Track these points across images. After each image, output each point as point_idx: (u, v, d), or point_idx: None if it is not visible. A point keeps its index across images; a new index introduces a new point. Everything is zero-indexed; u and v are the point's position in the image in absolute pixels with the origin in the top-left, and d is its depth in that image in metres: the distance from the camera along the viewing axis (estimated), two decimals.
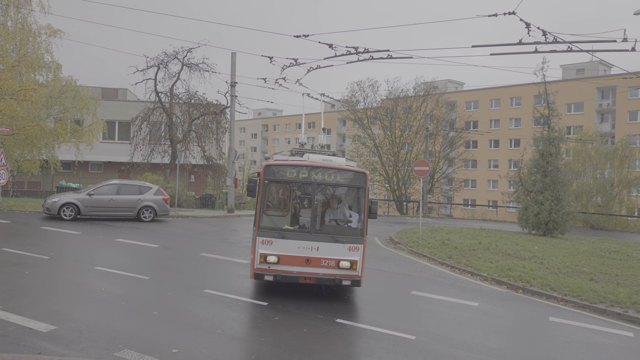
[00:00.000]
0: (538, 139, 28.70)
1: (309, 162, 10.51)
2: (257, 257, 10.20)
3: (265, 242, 10.20)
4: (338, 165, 10.53)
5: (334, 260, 10.24)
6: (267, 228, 10.29)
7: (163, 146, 32.20)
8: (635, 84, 44.38)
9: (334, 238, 10.27)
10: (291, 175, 10.35)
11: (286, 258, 10.21)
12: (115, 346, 7.59)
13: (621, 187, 39.68)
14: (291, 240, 10.23)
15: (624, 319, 11.77)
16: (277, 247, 10.19)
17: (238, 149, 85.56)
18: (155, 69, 31.09)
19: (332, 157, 11.02)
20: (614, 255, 20.24)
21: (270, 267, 10.18)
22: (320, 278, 10.26)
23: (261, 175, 10.24)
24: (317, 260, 10.25)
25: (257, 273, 10.25)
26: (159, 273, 12.74)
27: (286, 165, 10.39)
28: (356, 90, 50.58)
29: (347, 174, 10.51)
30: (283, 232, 10.24)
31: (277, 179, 10.44)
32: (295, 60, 15.95)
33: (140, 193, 21.01)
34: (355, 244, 10.34)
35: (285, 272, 10.22)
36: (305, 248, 10.22)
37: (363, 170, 10.53)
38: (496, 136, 64.76)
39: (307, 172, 10.31)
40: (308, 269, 10.27)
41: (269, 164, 10.41)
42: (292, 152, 11.90)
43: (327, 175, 10.35)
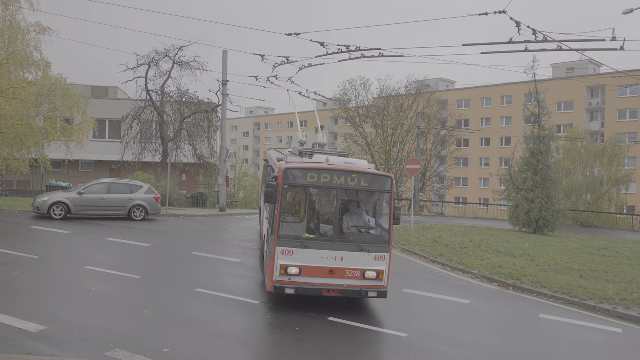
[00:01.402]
0: (529, 138, 28.88)
1: (332, 166, 9.83)
2: (277, 269, 9.37)
3: (286, 252, 9.39)
4: (363, 169, 9.87)
5: (360, 271, 9.56)
6: (288, 237, 9.49)
7: (154, 145, 32.04)
8: (624, 83, 44.81)
9: (359, 247, 9.60)
10: (312, 179, 9.59)
11: (308, 269, 9.43)
12: (106, 346, 7.55)
13: (610, 185, 40.05)
14: (314, 250, 9.44)
15: (613, 316, 11.88)
16: (299, 257, 9.40)
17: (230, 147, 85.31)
18: (146, 67, 30.95)
19: (354, 160, 10.36)
20: (604, 252, 20.42)
21: (291, 279, 9.40)
22: (345, 290, 9.57)
23: (280, 179, 9.50)
24: (341, 271, 9.52)
25: (278, 286, 9.40)
26: (150, 272, 12.69)
27: (307, 168, 9.67)
28: (348, 88, 50.62)
29: (372, 178, 9.81)
30: (305, 241, 9.45)
31: (298, 183, 9.70)
32: (286, 59, 15.94)
33: (131, 192, 20.90)
34: (381, 252, 9.69)
35: (308, 284, 9.45)
36: (329, 258, 9.48)
37: (389, 174, 9.99)
38: (487, 135, 65.06)
39: (329, 176, 9.57)
40: (332, 280, 9.52)
41: (289, 167, 9.65)
42: (300, 153, 11.25)
43: (351, 179, 9.64)
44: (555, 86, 57.80)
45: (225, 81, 27.15)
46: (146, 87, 30.89)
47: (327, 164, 9.97)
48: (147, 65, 30.87)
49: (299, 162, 10.31)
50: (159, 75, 31.36)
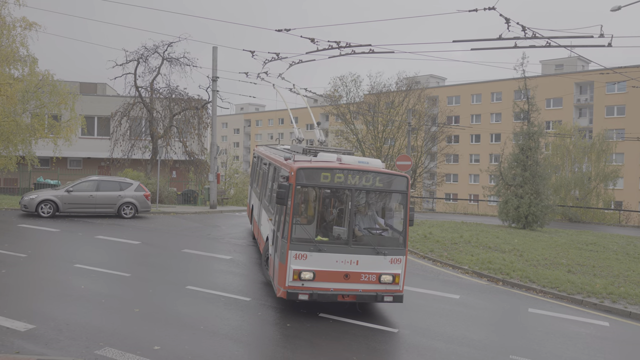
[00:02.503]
0: (518, 134, 29.07)
1: (345, 165, 9.55)
2: (290, 274, 8.99)
3: (299, 256, 9.02)
4: (378, 169, 9.58)
5: (375, 275, 9.25)
6: (301, 240, 9.11)
7: (144, 142, 31.81)
8: (612, 80, 45.17)
9: (375, 250, 9.28)
10: (325, 179, 9.24)
11: (323, 274, 9.08)
12: (96, 344, 7.52)
13: (598, 181, 40.44)
14: (328, 253, 9.09)
15: (600, 309, 12.02)
16: (313, 261, 9.04)
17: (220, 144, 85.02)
18: (135, 63, 30.66)
19: (368, 159, 10.09)
20: (591, 247, 20.64)
21: (304, 284, 9.03)
22: (360, 295, 9.22)
23: (292, 179, 9.11)
24: (356, 275, 9.18)
25: (291, 292, 9.00)
26: (140, 270, 12.63)
27: (321, 168, 9.31)
28: (339, 85, 50.57)
29: (387, 178, 9.51)
30: (319, 244, 9.10)
31: (311, 183, 9.34)
32: (277, 55, 15.89)
33: (120, 189, 20.76)
34: (397, 255, 9.40)
35: (322, 289, 9.08)
36: (344, 262, 9.12)
37: (404, 174, 9.67)
38: (477, 131, 65.37)
39: (343, 175, 9.23)
40: (347, 285, 9.17)
41: (302, 166, 9.24)
42: (304, 151, 10.86)
43: (366, 179, 9.31)
44: (545, 83, 58.19)
45: (215, 77, 27.01)
46: (135, 84, 30.65)
47: (340, 164, 9.66)
48: (136, 61, 30.62)
49: (308, 160, 9.94)
50: (148, 72, 31.12)
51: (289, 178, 9.24)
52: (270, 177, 12.79)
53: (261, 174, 15.30)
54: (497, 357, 8.49)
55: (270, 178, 12.91)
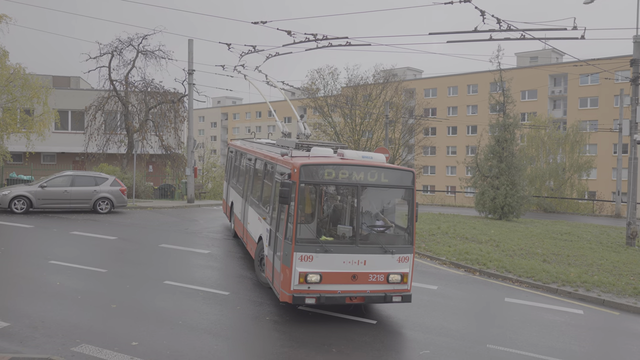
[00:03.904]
0: (494, 126, 29.46)
1: (349, 161, 9.16)
2: (295, 277, 8.50)
3: (305, 257, 8.54)
4: (383, 164, 9.31)
5: (383, 275, 8.89)
6: (306, 241, 8.68)
7: (119, 136, 31.31)
8: (585, 72, 46.01)
9: (383, 249, 8.93)
10: (329, 176, 8.85)
11: (330, 276, 8.64)
12: (72, 341, 7.40)
13: (572, 171, 41.27)
14: (335, 254, 8.66)
15: (575, 298, 12.30)
16: (319, 263, 8.58)
17: (197, 138, 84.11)
18: (109, 56, 30.11)
19: (371, 154, 9.72)
20: (566, 237, 21.07)
21: (311, 287, 8.57)
22: (368, 296, 8.87)
23: (295, 177, 8.62)
24: (364, 275, 8.79)
25: (297, 296, 8.52)
26: (117, 265, 12.46)
27: (325, 164, 8.89)
28: (316, 78, 50.45)
29: (392, 173, 9.25)
30: (326, 245, 8.68)
31: (315, 181, 8.88)
32: (253, 47, 15.78)
33: (95, 184, 20.42)
34: (405, 253, 9.09)
35: (329, 292, 8.65)
36: (351, 262, 8.72)
37: (410, 169, 9.40)
38: (454, 123, 66.03)
39: (347, 172, 8.84)
40: (354, 286, 8.78)
41: (305, 163, 8.76)
42: (297, 145, 10.60)
43: (370, 175, 8.95)
44: (520, 75, 58.99)
45: (192, 70, 26.69)
46: (109, 77, 30.12)
47: (343, 159, 9.32)
48: (110, 54, 30.07)
49: (307, 156, 9.52)
50: (122, 65, 30.61)
51: (291, 175, 8.74)
52: (260, 173, 12.23)
53: (244, 170, 14.63)
54: (474, 346, 8.62)
55: (259, 175, 12.37)
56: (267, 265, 10.00)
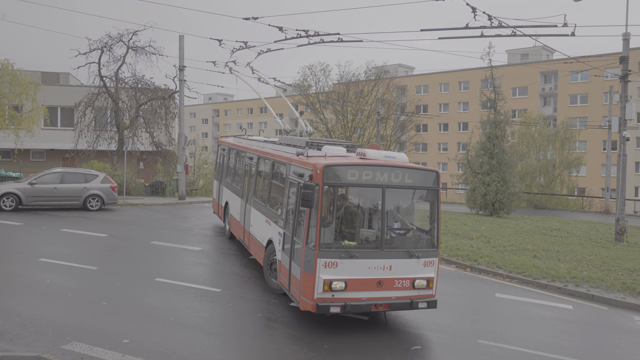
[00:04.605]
0: (485, 122, 29.59)
1: (373, 161, 8.79)
2: (319, 285, 8.06)
3: (329, 264, 8.10)
4: (406, 164, 8.95)
5: (409, 280, 8.54)
6: (330, 246, 8.25)
7: (109, 132, 31.07)
8: (575, 69, 46.35)
9: (408, 253, 8.56)
10: (352, 177, 8.42)
11: (355, 282, 8.23)
12: (63, 339, 7.36)
13: (562, 168, 41.58)
14: (360, 259, 8.27)
15: (564, 293, 12.40)
16: (344, 269, 8.17)
17: (188, 134, 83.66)
18: (99, 52, 29.84)
19: (394, 153, 9.28)
20: (555, 232, 21.23)
21: (335, 295, 8.15)
22: (394, 303, 8.50)
23: (318, 178, 8.19)
24: (390, 281, 8.43)
25: (322, 305, 8.07)
26: (108, 263, 12.40)
27: (349, 164, 8.48)
28: (308, 74, 50.35)
29: (416, 174, 8.89)
30: (351, 250, 8.25)
31: (339, 182, 8.46)
32: (245, 43, 15.70)
33: (86, 181, 20.27)
34: (430, 257, 8.75)
35: (354, 299, 8.24)
36: (377, 268, 8.34)
37: (434, 169, 9.11)
38: (445, 120, 66.24)
39: (371, 172, 8.45)
40: (379, 293, 8.40)
41: (329, 164, 8.33)
42: (308, 144, 10.22)
43: (394, 175, 8.58)
44: (510, 72, 59.25)
45: (182, 67, 26.54)
46: (99, 73, 29.86)
47: (365, 159, 8.94)
48: (100, 50, 29.81)
49: (324, 156, 9.14)
50: (112, 61, 30.35)
51: (313, 177, 8.29)
52: (266, 173, 11.73)
53: (242, 169, 14.01)
54: (465, 341, 8.68)
55: (264, 175, 11.90)
56: (282, 271, 9.49)
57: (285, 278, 9.26)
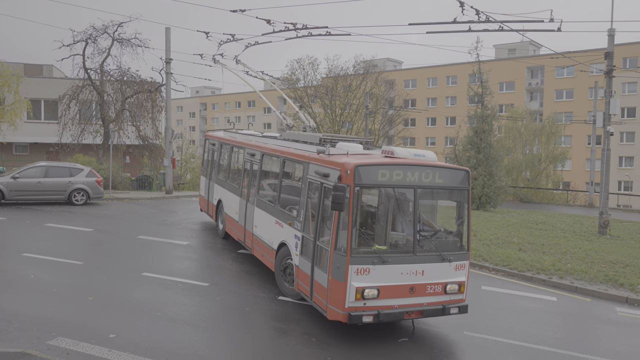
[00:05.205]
0: (472, 117, 29.77)
1: (403, 160, 8.30)
2: (351, 293, 7.59)
3: (361, 270, 7.62)
4: (437, 163, 8.49)
5: (441, 285, 8.15)
6: (361, 252, 7.81)
7: (94, 126, 30.73)
8: (561, 64, 46.65)
9: (440, 256, 8.17)
10: (383, 177, 7.94)
11: (387, 289, 7.79)
12: (48, 334, 7.28)
13: (548, 162, 42.02)
14: (393, 265, 7.84)
15: (549, 285, 12.56)
16: (376, 276, 7.71)
17: (175, 128, 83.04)
18: (83, 43, 29.40)
19: (423, 151, 8.76)
20: (541, 226, 21.47)
21: (367, 303, 7.70)
22: (426, 310, 8.09)
23: (348, 179, 7.71)
24: (422, 287, 8.03)
25: (354, 314, 7.60)
26: (94, 257, 12.29)
27: (380, 164, 8.01)
28: (296, 68, 50.20)
29: (447, 173, 8.50)
30: (384, 255, 7.83)
31: (370, 183, 8.03)
32: (232, 36, 15.59)
33: (70, 175, 20.04)
34: (461, 260, 8.39)
35: (387, 307, 7.81)
36: (409, 273, 7.93)
37: (465, 168, 8.70)
38: (433, 114, 66.49)
39: (402, 172, 8.00)
40: (411, 299, 7.99)
41: (361, 163, 7.86)
42: (321, 140, 9.78)
43: (425, 175, 8.13)
44: (498, 67, 59.61)
45: (169, 59, 26.29)
46: (84, 65, 29.46)
47: (394, 157, 8.44)
48: (84, 42, 29.37)
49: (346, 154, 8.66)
50: (97, 53, 29.93)
51: (342, 178, 7.80)
52: (274, 172, 11.25)
53: (241, 166, 13.20)
54: (451, 334, 8.75)
55: (272, 173, 11.39)
56: (300, 276, 8.97)
57: (305, 285, 8.75)
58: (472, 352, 8.17)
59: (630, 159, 54.94)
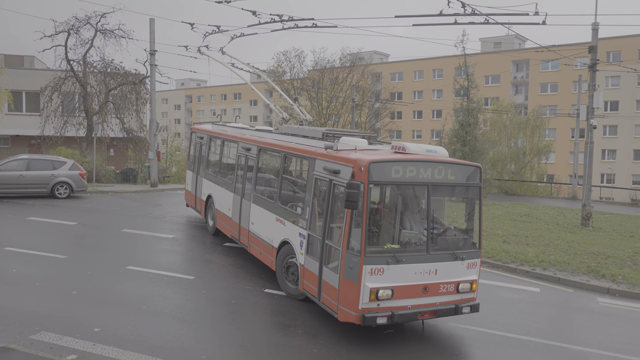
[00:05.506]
0: (458, 110, 29.92)
1: (416, 156, 8.08)
2: (365, 294, 7.38)
3: (375, 271, 7.42)
4: (449, 159, 8.37)
5: (453, 284, 8.01)
6: (375, 252, 7.56)
7: (78, 118, 30.29)
8: (546, 57, 47.07)
9: (453, 255, 8.02)
10: (397, 174, 7.75)
11: (401, 290, 7.61)
12: (31, 329, 7.20)
13: (532, 155, 42.42)
14: (407, 264, 7.64)
15: (532, 276, 12.72)
16: (390, 276, 7.52)
17: (160, 121, 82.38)
18: (66, 34, 28.90)
19: (435, 147, 8.63)
20: (525, 218, 21.70)
21: (380, 304, 7.49)
22: (439, 310, 7.92)
23: (363, 176, 7.46)
24: (435, 286, 7.87)
25: (368, 316, 7.38)
26: (78, 251, 12.16)
27: (393, 161, 7.79)
28: (282, 60, 49.98)
29: (460, 169, 8.30)
30: (398, 254, 7.60)
31: (383, 180, 7.82)
32: (217, 28, 15.45)
33: (53, 168, 19.75)
34: (473, 259, 8.26)
35: (400, 308, 7.62)
36: (422, 272, 7.76)
37: (477, 164, 8.50)
38: (419, 107, 66.74)
39: (415, 169, 7.80)
40: (424, 299, 7.82)
41: (375, 159, 7.62)
42: (324, 135, 9.52)
43: (438, 172, 7.94)
44: (483, 60, 59.93)
45: (153, 51, 26.00)
46: (66, 57, 28.98)
47: (406, 154, 8.20)
48: (67, 32, 28.88)
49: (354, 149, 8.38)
50: (80, 44, 29.45)
51: (355, 175, 7.56)
52: (274, 167, 10.94)
53: (235, 161, 12.70)
54: (437, 324, 8.82)
55: (272, 169, 11.05)
56: (306, 276, 8.72)
57: (312, 285, 8.53)
58: (456, 342, 8.26)
59: (612, 152, 55.74)
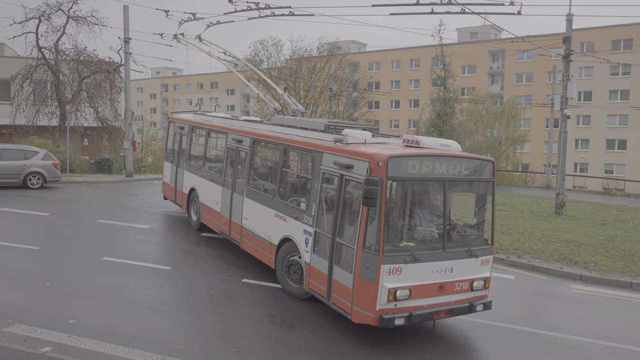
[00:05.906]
0: (435, 100, 30.20)
1: (431, 150, 7.86)
2: (383, 295, 7.11)
3: (393, 270, 7.17)
4: (463, 153, 8.14)
5: (468, 282, 7.84)
6: (393, 251, 7.27)
7: (50, 107, 29.62)
8: (521, 48, 47.64)
9: (468, 252, 7.85)
10: (413, 169, 7.47)
11: (418, 289, 7.38)
12: (4, 321, 7.07)
13: (508, 145, 43.07)
14: (424, 262, 7.41)
15: (507, 264, 12.96)
16: (408, 275, 7.29)
17: (136, 110, 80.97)
18: (36, 21, 28.16)
19: (448, 141, 8.43)
20: (500, 207, 22.03)
21: (398, 304, 7.24)
22: (454, 308, 7.76)
23: (381, 172, 7.15)
24: (450, 285, 7.69)
25: (386, 317, 7.11)
26: (51, 242, 11.94)
27: (410, 155, 7.51)
28: (259, 49, 49.60)
29: (474, 164, 8.12)
30: (416, 253, 7.34)
31: (400, 176, 7.40)
32: (193, 15, 15.24)
33: (25, 158, 19.31)
34: (487, 255, 8.12)
35: (417, 308, 7.41)
36: (439, 271, 7.55)
37: (490, 158, 8.33)
38: (397, 97, 67.00)
39: (431, 164, 7.55)
40: (440, 298, 7.63)
41: (393, 154, 7.33)
42: (326, 127, 9.23)
43: (452, 167, 7.74)
44: (460, 50, 60.34)
45: (128, 39, 25.50)
46: (37, 44, 28.25)
47: (421, 148, 7.96)
48: (37, 19, 28.13)
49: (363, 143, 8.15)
50: (51, 31, 28.73)
51: (372, 170, 7.26)
52: (273, 161, 10.44)
53: (224, 153, 12.02)
54: None
55: (271, 163, 10.58)
56: (313, 275, 8.40)
57: (320, 285, 8.22)
58: (430, 330, 8.36)
59: (586, 141, 56.89)
